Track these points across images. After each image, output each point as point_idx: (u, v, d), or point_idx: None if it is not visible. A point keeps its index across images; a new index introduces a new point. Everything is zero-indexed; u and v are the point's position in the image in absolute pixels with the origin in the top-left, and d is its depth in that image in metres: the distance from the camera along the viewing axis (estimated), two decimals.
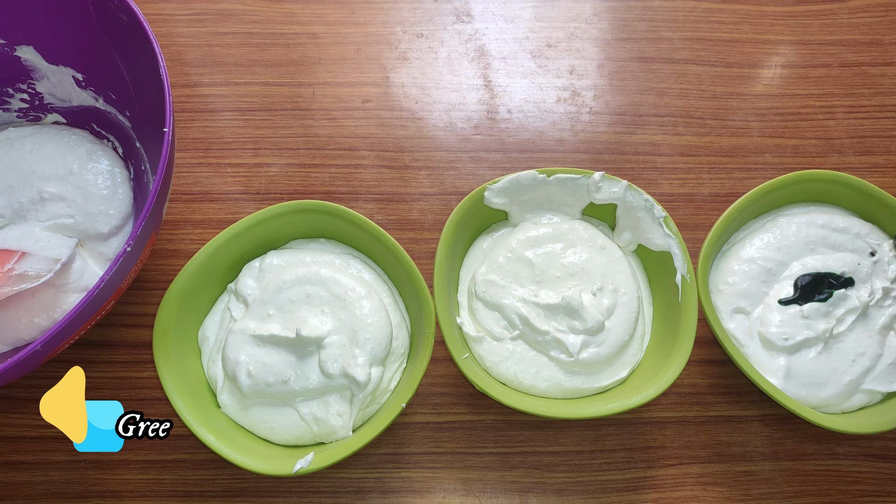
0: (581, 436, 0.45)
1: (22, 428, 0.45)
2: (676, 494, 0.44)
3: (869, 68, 0.57)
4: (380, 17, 0.58)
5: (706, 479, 0.45)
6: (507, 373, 0.42)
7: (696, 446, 0.45)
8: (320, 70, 0.56)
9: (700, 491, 0.44)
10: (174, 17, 0.58)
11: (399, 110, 0.55)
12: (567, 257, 0.44)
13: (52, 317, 0.43)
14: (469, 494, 0.44)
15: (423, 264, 0.46)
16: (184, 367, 0.41)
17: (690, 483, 0.44)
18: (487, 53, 0.57)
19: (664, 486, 0.44)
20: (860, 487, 0.45)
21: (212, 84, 0.55)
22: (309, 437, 0.40)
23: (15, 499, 0.43)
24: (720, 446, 0.45)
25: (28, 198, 0.45)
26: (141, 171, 0.47)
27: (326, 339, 0.40)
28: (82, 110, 0.49)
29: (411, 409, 0.46)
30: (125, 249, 0.34)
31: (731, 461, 0.45)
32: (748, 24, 0.59)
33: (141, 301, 0.48)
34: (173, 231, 0.50)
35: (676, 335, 0.41)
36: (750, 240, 0.46)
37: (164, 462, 0.44)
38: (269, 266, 0.43)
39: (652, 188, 0.52)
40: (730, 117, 0.55)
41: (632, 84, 0.56)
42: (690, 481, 0.45)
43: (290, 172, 0.52)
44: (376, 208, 0.51)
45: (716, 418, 0.46)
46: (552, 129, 0.55)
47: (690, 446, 0.45)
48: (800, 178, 0.46)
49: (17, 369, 0.33)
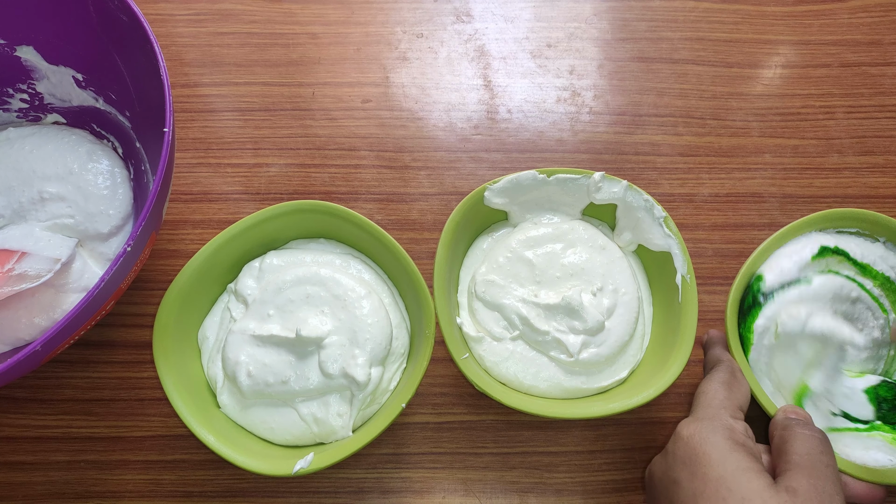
0: (581, 436, 0.45)
1: (22, 428, 0.45)
2: None
3: (869, 68, 0.57)
4: (380, 17, 0.58)
5: None
6: (507, 373, 0.42)
7: None
8: (320, 70, 0.56)
9: None
10: (174, 17, 0.58)
11: (399, 110, 0.55)
12: (567, 257, 0.44)
13: (52, 317, 0.43)
14: (469, 494, 0.44)
15: (423, 264, 0.46)
16: (184, 367, 0.41)
17: None
18: (487, 53, 0.57)
19: None
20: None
21: (212, 84, 0.55)
22: (309, 438, 0.40)
23: (15, 499, 0.43)
24: None
25: (28, 198, 0.45)
26: (141, 171, 0.47)
27: (326, 340, 0.40)
28: (82, 110, 0.49)
29: (411, 409, 0.46)
30: (125, 249, 0.34)
31: None
32: (748, 24, 0.59)
33: (141, 301, 0.48)
34: (173, 231, 0.50)
35: (676, 335, 0.41)
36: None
37: (164, 462, 0.44)
38: (269, 266, 0.43)
39: (652, 188, 0.52)
40: (730, 117, 0.55)
41: (632, 84, 0.56)
42: None
43: (290, 172, 0.52)
44: (376, 208, 0.51)
45: None
46: (552, 129, 0.55)
47: None
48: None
49: (17, 369, 0.33)
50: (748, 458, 0.34)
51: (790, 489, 0.32)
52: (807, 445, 0.35)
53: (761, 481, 0.32)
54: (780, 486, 0.32)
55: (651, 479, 0.38)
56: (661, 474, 0.36)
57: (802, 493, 0.32)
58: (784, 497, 0.32)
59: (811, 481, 0.33)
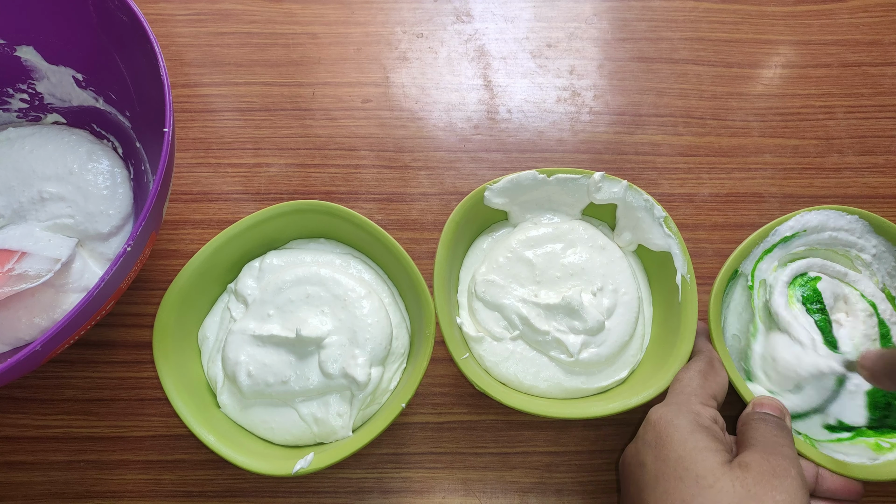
0: (581, 436, 0.45)
1: (22, 428, 0.45)
2: None
3: (869, 68, 0.57)
4: (380, 17, 0.58)
5: None
6: (507, 373, 0.42)
7: None
8: (320, 70, 0.56)
9: None
10: (174, 17, 0.58)
11: (399, 110, 0.55)
12: (567, 257, 0.44)
13: (52, 317, 0.43)
14: (469, 494, 0.44)
15: (423, 264, 0.46)
16: (184, 367, 0.41)
17: None
18: (487, 53, 0.57)
19: None
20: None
21: (212, 84, 0.55)
22: (309, 438, 0.40)
23: (15, 499, 0.43)
24: None
25: (28, 198, 0.45)
26: (141, 171, 0.47)
27: (326, 340, 0.40)
28: (82, 110, 0.49)
29: (411, 409, 0.46)
30: (125, 249, 0.34)
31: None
32: (748, 24, 0.59)
33: (141, 301, 0.48)
34: (173, 231, 0.50)
35: (676, 335, 0.41)
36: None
37: (164, 462, 0.44)
38: (269, 266, 0.43)
39: (652, 188, 0.52)
40: (730, 117, 0.55)
41: (632, 84, 0.56)
42: None
43: (290, 172, 0.52)
44: (376, 208, 0.51)
45: None
46: (552, 129, 0.55)
47: None
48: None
49: (17, 369, 0.33)
50: (707, 438, 0.35)
51: (742, 464, 0.33)
52: (762, 429, 0.36)
53: (717, 458, 0.34)
54: (734, 464, 0.34)
55: (622, 464, 0.39)
56: (630, 458, 0.38)
57: (755, 467, 0.33)
58: (737, 472, 0.33)
59: (764, 456, 0.34)
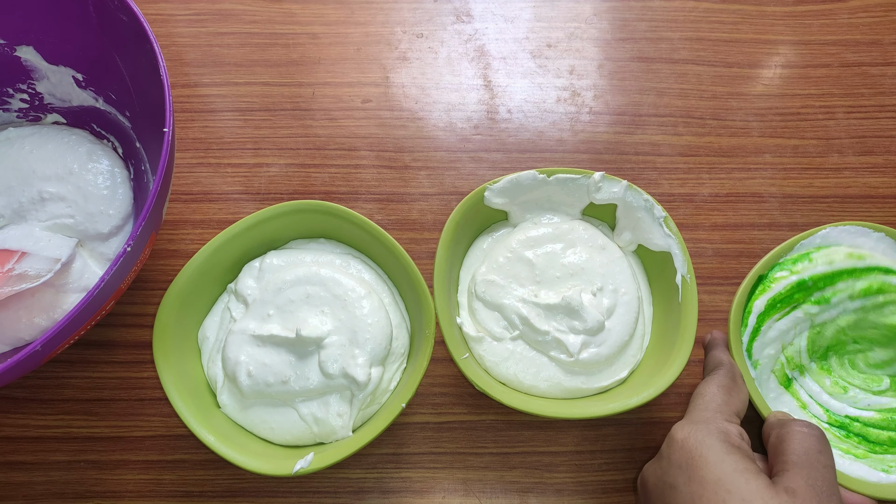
0: (581, 436, 0.45)
1: (22, 428, 0.45)
2: None
3: (869, 68, 0.57)
4: (380, 17, 0.58)
5: None
6: (507, 373, 0.42)
7: None
8: (320, 70, 0.56)
9: None
10: (174, 17, 0.58)
11: (399, 110, 0.55)
12: (567, 257, 0.44)
13: (52, 317, 0.43)
14: (469, 494, 0.44)
15: (423, 264, 0.46)
16: (184, 367, 0.41)
17: None
18: (487, 53, 0.57)
19: None
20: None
21: (212, 84, 0.55)
22: (309, 437, 0.40)
23: (15, 499, 0.43)
24: None
25: (28, 198, 0.45)
26: (141, 171, 0.47)
27: (326, 340, 0.40)
28: (82, 110, 0.49)
29: (411, 409, 0.46)
30: (125, 249, 0.34)
31: None
32: (748, 24, 0.59)
33: (141, 301, 0.48)
34: (173, 231, 0.50)
35: (676, 335, 0.41)
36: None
37: (164, 462, 0.44)
38: (269, 266, 0.43)
39: (652, 188, 0.52)
40: (730, 117, 0.55)
41: (632, 84, 0.56)
42: None
43: (290, 172, 0.52)
44: (376, 208, 0.51)
45: None
46: (552, 129, 0.55)
47: None
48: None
49: (17, 369, 0.33)
50: (745, 459, 0.34)
51: (789, 489, 0.32)
52: (805, 444, 0.35)
53: (760, 481, 0.32)
54: (779, 487, 0.32)
55: (644, 485, 0.37)
56: (656, 479, 0.36)
57: (801, 493, 0.32)
58: (784, 498, 0.32)
59: (809, 481, 0.33)
